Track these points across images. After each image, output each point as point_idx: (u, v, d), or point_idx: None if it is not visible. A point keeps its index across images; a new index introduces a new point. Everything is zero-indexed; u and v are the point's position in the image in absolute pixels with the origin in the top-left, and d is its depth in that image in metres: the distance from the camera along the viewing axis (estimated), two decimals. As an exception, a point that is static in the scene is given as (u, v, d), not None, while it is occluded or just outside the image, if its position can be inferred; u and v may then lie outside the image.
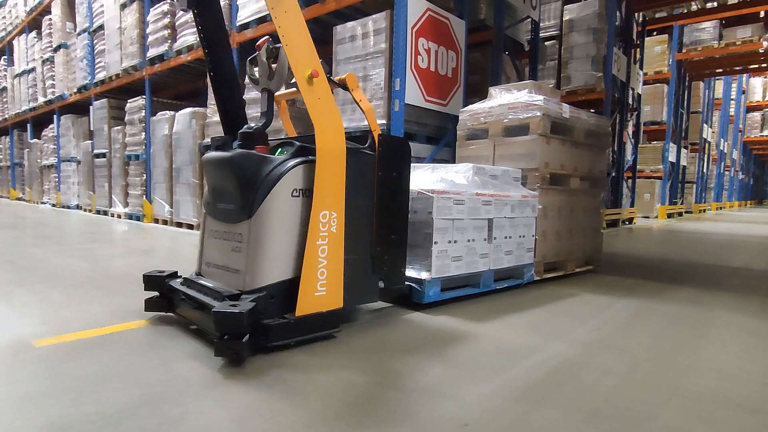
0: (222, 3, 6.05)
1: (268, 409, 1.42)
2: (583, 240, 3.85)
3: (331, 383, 1.63)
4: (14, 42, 12.81)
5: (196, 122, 6.44)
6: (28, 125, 12.64)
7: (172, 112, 7.05)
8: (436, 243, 2.64)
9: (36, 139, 12.24)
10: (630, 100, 9.10)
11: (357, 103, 2.54)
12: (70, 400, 1.45)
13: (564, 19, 7.64)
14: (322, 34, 5.52)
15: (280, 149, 2.24)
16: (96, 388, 1.54)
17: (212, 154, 2.15)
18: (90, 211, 9.56)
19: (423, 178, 3.04)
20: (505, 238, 3.10)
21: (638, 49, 9.79)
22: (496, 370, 1.79)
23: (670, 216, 12.30)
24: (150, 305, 2.35)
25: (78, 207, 10.20)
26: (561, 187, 3.59)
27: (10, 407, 1.40)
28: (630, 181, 10.12)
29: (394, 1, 4.05)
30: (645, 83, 11.30)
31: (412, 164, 3.25)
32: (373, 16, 4.30)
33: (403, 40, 4.03)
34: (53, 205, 11.18)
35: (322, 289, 2.04)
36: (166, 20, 6.97)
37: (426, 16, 4.22)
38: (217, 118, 5.88)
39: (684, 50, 11.77)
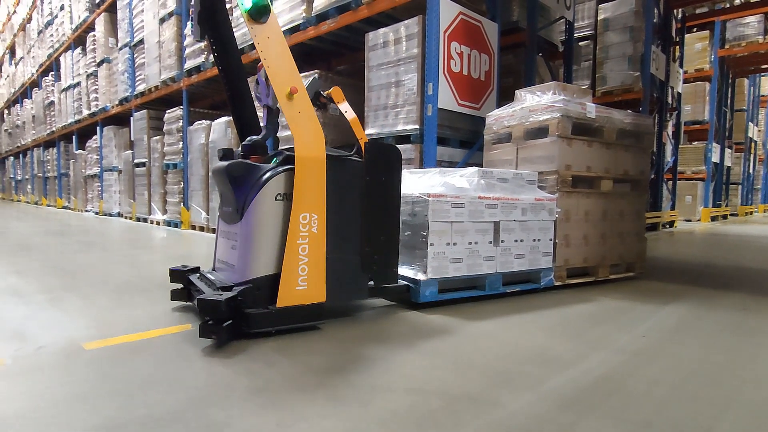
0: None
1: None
2: (621, 245, 3.71)
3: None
4: (61, 58, 13.46)
5: (231, 131, 6.59)
6: (74, 137, 13.23)
7: (209, 122, 7.25)
8: (432, 245, 2.73)
9: (81, 150, 12.79)
10: (669, 100, 8.79)
11: (343, 114, 2.75)
12: (121, 402, 1.49)
13: (599, 18, 7.46)
14: (354, 42, 5.57)
15: (275, 158, 2.42)
16: (144, 391, 1.58)
17: (216, 164, 2.42)
18: (130, 218, 9.91)
19: (427, 181, 3.08)
20: (515, 241, 3.08)
21: (678, 47, 9.46)
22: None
23: (714, 219, 11.80)
24: (174, 295, 2.69)
25: (119, 214, 10.59)
26: (589, 190, 3.49)
27: (65, 407, 1.46)
28: (670, 183, 9.76)
29: (426, 6, 4.05)
30: (685, 81, 10.89)
31: (444, 168, 3.27)
32: (405, 21, 4.30)
33: (436, 45, 4.02)
34: (96, 213, 11.65)
35: (303, 284, 2.23)
36: (203, 33, 7.17)
37: (458, 20, 4.20)
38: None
39: (727, 46, 11.31)
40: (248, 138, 2.51)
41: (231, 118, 6.61)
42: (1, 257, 4.46)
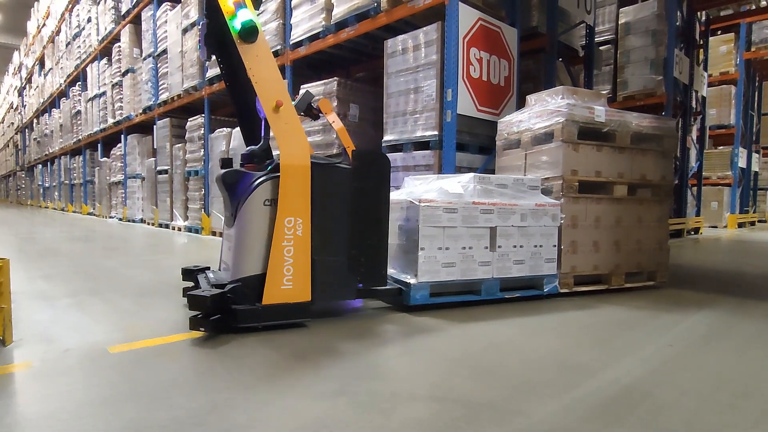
0: (275, 24, 6.27)
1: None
2: (639, 253, 3.59)
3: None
4: (88, 69, 13.83)
5: (251, 138, 6.67)
6: (99, 145, 13.55)
7: (229, 129, 7.36)
8: (422, 249, 2.79)
9: (105, 158, 13.09)
10: (693, 104, 8.61)
11: (330, 125, 2.90)
12: (145, 405, 1.51)
13: (620, 22, 7.36)
14: (372, 49, 5.60)
15: (269, 167, 2.55)
16: (167, 394, 1.60)
17: (219, 173, 2.58)
18: (153, 224, 10.08)
19: (425, 187, 3.14)
20: (514, 247, 3.08)
21: (702, 50, 9.28)
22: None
23: (741, 225, 11.47)
24: (185, 292, 2.80)
25: (142, 221, 10.79)
26: (599, 196, 3.42)
27: (90, 410, 1.48)
28: (695, 188, 9.54)
29: (446, 12, 4.05)
30: (710, 85, 10.64)
31: (460, 173, 3.28)
32: (424, 28, 4.31)
33: (455, 51, 4.02)
34: (120, 219, 11.89)
35: (288, 284, 2.34)
36: (224, 42, 7.29)
37: (477, 25, 4.19)
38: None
39: (753, 49, 11.04)
40: (247, 148, 2.71)
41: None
42: (29, 262, 4.58)
